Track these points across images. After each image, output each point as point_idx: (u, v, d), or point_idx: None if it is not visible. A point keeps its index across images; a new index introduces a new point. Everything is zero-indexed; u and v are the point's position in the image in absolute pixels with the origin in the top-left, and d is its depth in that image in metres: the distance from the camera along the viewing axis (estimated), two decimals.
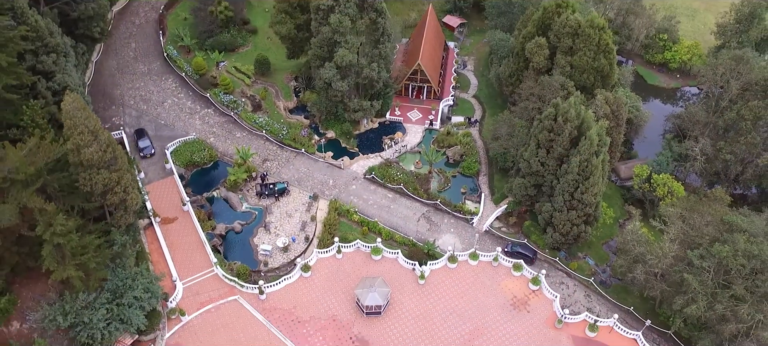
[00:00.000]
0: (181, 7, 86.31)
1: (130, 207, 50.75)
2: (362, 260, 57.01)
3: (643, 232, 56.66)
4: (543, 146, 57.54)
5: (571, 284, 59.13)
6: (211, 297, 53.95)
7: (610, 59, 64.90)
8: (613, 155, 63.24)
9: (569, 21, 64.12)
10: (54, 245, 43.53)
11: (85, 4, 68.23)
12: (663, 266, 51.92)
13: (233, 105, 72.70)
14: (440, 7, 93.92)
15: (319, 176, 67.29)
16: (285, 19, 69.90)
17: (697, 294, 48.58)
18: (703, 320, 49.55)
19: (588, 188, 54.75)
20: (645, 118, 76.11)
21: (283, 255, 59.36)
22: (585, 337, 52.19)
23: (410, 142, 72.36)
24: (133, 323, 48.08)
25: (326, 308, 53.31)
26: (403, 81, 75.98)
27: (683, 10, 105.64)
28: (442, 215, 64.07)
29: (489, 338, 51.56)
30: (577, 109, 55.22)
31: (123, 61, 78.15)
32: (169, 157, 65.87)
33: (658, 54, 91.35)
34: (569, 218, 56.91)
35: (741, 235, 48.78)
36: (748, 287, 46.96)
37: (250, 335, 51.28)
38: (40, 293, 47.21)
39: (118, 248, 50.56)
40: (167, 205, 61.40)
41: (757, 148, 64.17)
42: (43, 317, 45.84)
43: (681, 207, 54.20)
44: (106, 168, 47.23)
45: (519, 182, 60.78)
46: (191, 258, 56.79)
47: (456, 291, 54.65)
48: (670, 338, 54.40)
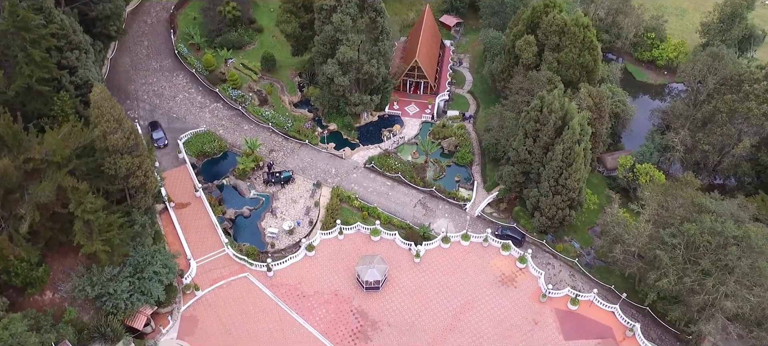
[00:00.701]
0: (190, 7, 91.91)
1: (150, 190, 56.11)
2: (362, 240, 62.36)
3: (622, 215, 61.83)
4: (530, 136, 62.85)
5: (557, 264, 64.33)
6: (223, 274, 59.30)
7: (595, 56, 70.24)
8: (597, 145, 68.53)
9: (556, 20, 69.50)
10: (84, 222, 48.88)
11: (102, 4, 73.66)
12: (639, 245, 57.14)
13: (241, 99, 78.14)
14: (437, 7, 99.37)
15: (322, 166, 72.69)
16: (290, 18, 75.32)
17: (668, 269, 53.75)
18: (674, 293, 54.74)
19: (571, 174, 59.99)
20: (631, 113, 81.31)
21: (289, 237, 64.69)
22: (567, 310, 57.41)
23: (408, 134, 77.77)
24: (152, 294, 53.44)
25: (329, 283, 58.64)
26: (401, 77, 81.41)
27: (672, 9, 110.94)
28: (437, 201, 69.41)
29: (479, 311, 56.82)
30: (561, 101, 60.50)
31: (136, 59, 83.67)
32: (182, 148, 71.32)
33: (646, 52, 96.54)
34: (554, 202, 62.16)
35: (708, 215, 53.95)
36: (713, 261, 52.07)
37: (259, 307, 56.61)
38: (70, 267, 52.56)
39: (138, 227, 55.88)
40: (180, 191, 66.81)
41: (733, 139, 69.34)
42: (73, 287, 51.28)
43: (656, 191, 59.40)
44: (128, 153, 52.53)
45: (508, 170, 66.10)
46: (204, 239, 62.17)
47: (449, 269, 59.96)
48: (647, 312, 59.61)
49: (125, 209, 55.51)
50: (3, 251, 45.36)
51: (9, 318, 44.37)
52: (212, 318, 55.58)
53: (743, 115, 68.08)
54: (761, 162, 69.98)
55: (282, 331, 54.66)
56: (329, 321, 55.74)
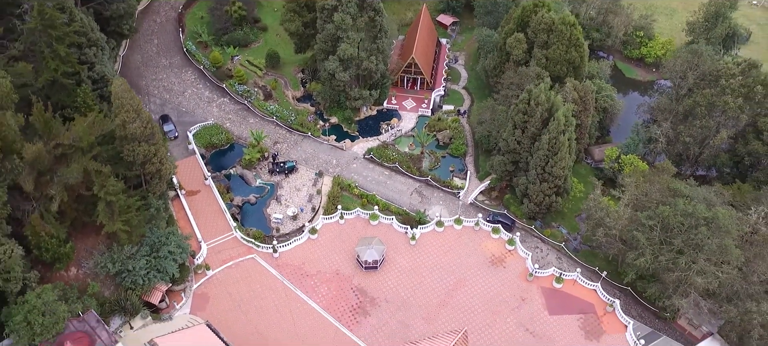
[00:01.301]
0: (198, 6, 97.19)
1: (164, 176, 61.21)
2: (362, 224, 67.47)
3: (605, 201, 66.84)
4: (519, 127, 67.94)
5: (545, 248, 69.38)
6: (232, 255, 64.36)
7: (581, 52, 75.36)
8: (582, 136, 73.63)
9: (544, 18, 74.65)
10: (106, 203, 53.94)
11: (116, 3, 78.76)
12: (619, 228, 62.19)
13: (247, 94, 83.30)
14: (434, 6, 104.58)
15: (323, 156, 77.80)
16: (294, 17, 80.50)
17: (645, 249, 58.79)
18: (651, 271, 59.78)
19: (557, 162, 65.05)
20: (618, 108, 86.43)
21: (293, 223, 69.75)
22: (552, 288, 62.48)
23: (405, 127, 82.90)
24: (168, 272, 58.45)
25: (330, 263, 63.73)
26: (398, 73, 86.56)
27: (662, 9, 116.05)
28: (432, 189, 74.52)
29: (470, 289, 61.88)
30: (547, 94, 65.62)
31: (147, 56, 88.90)
32: (191, 139, 76.46)
33: (635, 50, 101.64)
34: (542, 189, 67.20)
35: (682, 199, 59.03)
36: (685, 241, 57.06)
37: (266, 285, 61.67)
38: (93, 245, 57.63)
39: (154, 210, 60.95)
40: (191, 179, 71.91)
41: (712, 132, 74.40)
42: (96, 264, 56.35)
43: (635, 177, 64.50)
44: (145, 141, 57.55)
45: (499, 159, 71.22)
46: (213, 223, 67.27)
47: (442, 250, 65.06)
48: (629, 292, 64.61)
49: (142, 193, 60.59)
50: (35, 228, 50.42)
51: (41, 288, 49.44)
52: (222, 295, 60.64)
53: (721, 109, 73.08)
54: (738, 153, 75.00)
55: (287, 307, 59.72)
56: (331, 298, 60.82)
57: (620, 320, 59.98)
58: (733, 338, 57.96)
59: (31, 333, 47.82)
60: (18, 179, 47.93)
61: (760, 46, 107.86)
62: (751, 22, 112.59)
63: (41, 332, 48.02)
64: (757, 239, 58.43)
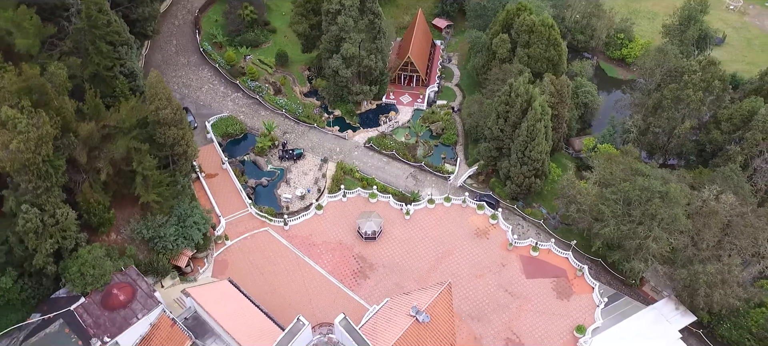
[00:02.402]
0: (212, 10, 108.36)
1: (190, 157, 71.87)
2: (362, 202, 78.02)
3: (578, 182, 77.20)
4: (501, 116, 78.52)
5: (526, 225, 79.74)
6: (247, 228, 74.85)
7: (559, 51, 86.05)
8: (560, 125, 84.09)
9: (526, 21, 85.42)
10: (143, 177, 64.69)
11: (142, 8, 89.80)
12: (588, 203, 72.56)
13: (258, 90, 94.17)
14: (430, 10, 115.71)
15: (328, 145, 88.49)
16: (301, 20, 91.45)
17: (609, 220, 69.12)
18: (615, 240, 70.07)
19: (534, 146, 75.49)
20: (598, 103, 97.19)
21: (301, 202, 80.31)
22: (529, 256, 72.85)
23: (401, 120, 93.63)
24: (193, 239, 68.99)
25: (334, 235, 74.23)
26: (396, 71, 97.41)
27: (645, 13, 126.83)
28: (426, 174, 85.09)
29: (457, 257, 72.27)
30: (526, 86, 76.23)
31: (167, 55, 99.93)
32: (209, 129, 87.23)
33: (617, 51, 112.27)
34: (522, 171, 77.61)
35: (641, 177, 69.47)
36: (643, 212, 67.41)
37: (278, 253, 72.13)
38: (129, 215, 68.27)
39: (180, 187, 71.56)
40: (209, 164, 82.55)
41: (677, 122, 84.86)
42: (132, 230, 66.96)
43: (603, 159, 75.04)
44: (175, 126, 68.16)
45: (484, 146, 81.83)
46: (230, 201, 77.83)
47: (433, 224, 75.52)
48: (600, 263, 74.79)
49: (170, 172, 71.20)
50: (86, 196, 61.03)
51: (90, 246, 60.06)
52: (240, 261, 71.14)
53: (685, 102, 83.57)
54: (701, 142, 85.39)
55: (297, 271, 70.17)
56: (335, 263, 71.27)
57: (588, 282, 70.26)
58: (685, 297, 68.06)
59: (84, 283, 58.39)
60: (74, 153, 58.59)
61: (735, 47, 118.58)
62: (728, 26, 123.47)
63: (92, 281, 58.59)
64: (704, 211, 68.76)
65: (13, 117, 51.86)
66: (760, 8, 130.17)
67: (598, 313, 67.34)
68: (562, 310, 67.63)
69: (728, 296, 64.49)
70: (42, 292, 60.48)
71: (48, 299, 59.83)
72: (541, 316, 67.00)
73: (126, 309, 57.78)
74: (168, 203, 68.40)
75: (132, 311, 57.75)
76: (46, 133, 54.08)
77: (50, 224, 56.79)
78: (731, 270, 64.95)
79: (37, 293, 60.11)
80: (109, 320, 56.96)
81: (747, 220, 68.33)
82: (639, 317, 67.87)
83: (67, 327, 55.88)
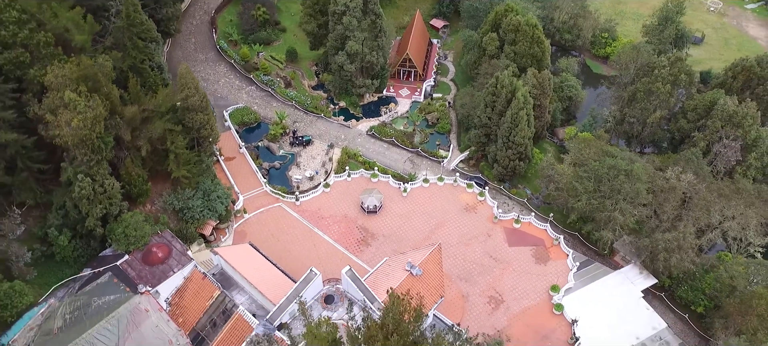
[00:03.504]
0: (227, 11, 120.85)
1: (213, 140, 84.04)
2: (364, 181, 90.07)
3: (557, 165, 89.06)
4: (489, 106, 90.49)
5: (511, 204, 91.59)
6: (263, 203, 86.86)
7: (542, 48, 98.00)
8: (542, 114, 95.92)
9: (512, 21, 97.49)
10: (175, 155, 76.86)
11: (166, 9, 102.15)
12: (564, 181, 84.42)
13: (270, 83, 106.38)
14: (428, 12, 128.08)
15: (334, 133, 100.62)
16: (310, 20, 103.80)
17: (581, 195, 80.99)
18: (587, 213, 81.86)
19: (517, 132, 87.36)
20: (582, 96, 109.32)
21: (310, 182, 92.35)
22: (512, 228, 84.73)
23: (400, 110, 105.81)
24: (217, 211, 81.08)
25: (340, 209, 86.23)
26: (396, 67, 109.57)
27: (630, 14, 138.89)
28: (422, 158, 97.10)
29: (448, 228, 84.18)
30: (510, 79, 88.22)
31: (186, 52, 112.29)
32: (227, 118, 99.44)
33: (601, 49, 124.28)
34: (507, 155, 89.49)
35: (610, 157, 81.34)
36: (610, 187, 79.18)
37: (291, 224, 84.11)
38: (162, 189, 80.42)
39: (205, 166, 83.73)
40: (228, 148, 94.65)
41: (649, 113, 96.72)
42: (165, 201, 79.08)
43: (577, 143, 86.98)
44: (201, 111, 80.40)
45: (474, 133, 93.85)
46: (247, 181, 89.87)
47: (427, 200, 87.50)
48: (576, 237, 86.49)
49: (196, 152, 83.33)
50: (128, 169, 73.13)
51: (132, 212, 72.18)
52: (257, 231, 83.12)
53: (656, 94, 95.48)
54: (671, 131, 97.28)
55: (308, 239, 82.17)
56: (341, 233, 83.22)
57: (563, 250, 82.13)
58: (648, 263, 79.78)
59: (127, 242, 70.45)
60: (119, 132, 70.73)
61: (713, 46, 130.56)
62: (707, 26, 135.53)
63: (134, 242, 70.65)
64: (665, 187, 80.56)
65: (74, 100, 63.99)
66: (739, 10, 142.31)
67: (570, 276, 79.18)
68: (539, 273, 79.52)
69: (684, 260, 76.11)
70: (90, 251, 72.56)
71: (96, 257, 71.92)
72: (520, 277, 78.90)
73: (163, 265, 69.83)
74: (195, 179, 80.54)
75: (168, 266, 69.80)
76: (99, 113, 66.19)
77: (99, 192, 68.83)
78: (686, 237, 76.58)
79: (86, 252, 72.21)
80: (149, 273, 68.99)
81: (701, 194, 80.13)
82: (606, 280, 79.69)
83: (115, 278, 67.90)
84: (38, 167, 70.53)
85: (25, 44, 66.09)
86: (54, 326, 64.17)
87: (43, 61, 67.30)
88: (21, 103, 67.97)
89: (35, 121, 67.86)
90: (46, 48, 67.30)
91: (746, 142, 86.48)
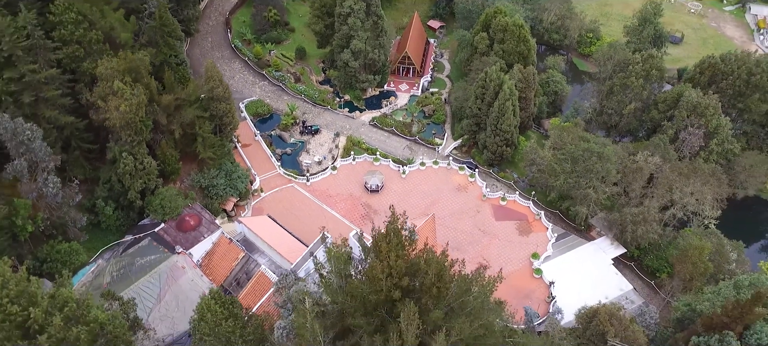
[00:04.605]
0: (241, 12, 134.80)
1: (234, 126, 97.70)
2: (368, 164, 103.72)
3: (541, 151, 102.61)
4: (479, 97, 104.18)
5: (499, 186, 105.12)
6: (277, 184, 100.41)
7: (528, 46, 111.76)
8: (527, 106, 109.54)
9: (501, 21, 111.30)
10: (202, 138, 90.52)
11: (187, 10, 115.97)
12: (545, 163, 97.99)
13: (281, 78, 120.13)
14: (425, 13, 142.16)
15: (339, 123, 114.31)
16: (318, 20, 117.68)
17: (559, 175, 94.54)
18: (564, 191, 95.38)
19: (504, 120, 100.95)
20: (567, 91, 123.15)
21: (318, 166, 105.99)
22: (499, 205, 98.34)
23: (400, 103, 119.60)
24: (237, 189, 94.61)
25: (346, 188, 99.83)
26: (396, 63, 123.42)
27: (616, 16, 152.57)
28: (419, 146, 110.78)
29: (442, 205, 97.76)
30: (497, 73, 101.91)
31: (203, 50, 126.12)
32: (243, 109, 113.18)
33: (587, 48, 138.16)
34: (495, 141, 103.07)
35: (585, 142, 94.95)
36: (584, 167, 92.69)
37: (302, 202, 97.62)
38: (190, 169, 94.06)
39: (226, 150, 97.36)
40: (244, 136, 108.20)
41: (625, 105, 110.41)
42: (193, 180, 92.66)
43: (556, 130, 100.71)
44: (225, 101, 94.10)
45: (466, 122, 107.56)
46: (263, 164, 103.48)
47: (423, 181, 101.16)
48: (557, 215, 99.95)
49: (219, 137, 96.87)
50: (163, 150, 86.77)
51: (166, 187, 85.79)
52: (272, 207, 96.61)
53: (630, 87, 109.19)
54: (644, 121, 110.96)
55: (318, 214, 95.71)
56: (347, 209, 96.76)
57: (543, 224, 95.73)
58: (618, 234, 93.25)
59: (163, 212, 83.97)
60: (157, 117, 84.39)
61: (692, 45, 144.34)
62: (687, 27, 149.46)
63: (169, 212, 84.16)
64: (634, 168, 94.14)
65: (122, 88, 77.64)
66: (717, 12, 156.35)
67: (549, 246, 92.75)
68: (522, 243, 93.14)
69: (648, 231, 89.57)
70: (129, 221, 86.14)
71: (136, 225, 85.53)
72: (505, 247, 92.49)
73: (195, 231, 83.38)
74: (219, 161, 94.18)
75: (199, 232, 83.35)
76: (141, 100, 79.84)
77: (139, 169, 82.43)
78: (650, 211, 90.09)
79: (127, 222, 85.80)
80: (183, 238, 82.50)
81: (665, 174, 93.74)
82: (581, 250, 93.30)
83: (154, 242, 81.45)
84: (88, 147, 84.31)
85: (80, 41, 79.71)
86: (103, 281, 77.72)
87: (94, 55, 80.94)
88: (74, 92, 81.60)
89: (86, 106, 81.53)
90: (97, 44, 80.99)
91: (708, 129, 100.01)
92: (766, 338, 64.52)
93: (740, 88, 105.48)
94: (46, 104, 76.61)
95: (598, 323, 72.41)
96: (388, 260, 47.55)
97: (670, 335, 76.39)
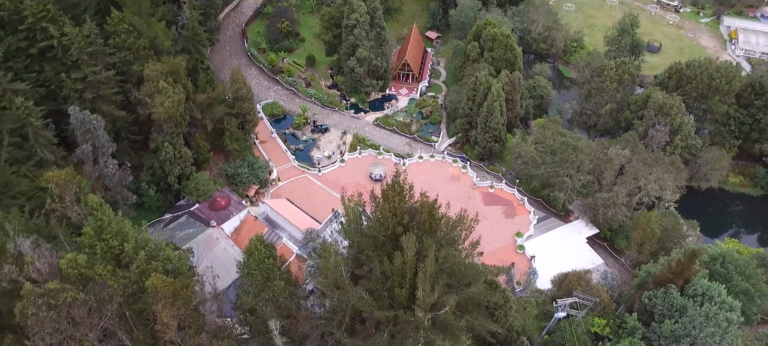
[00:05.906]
0: (256, 23, 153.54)
1: (254, 123, 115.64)
2: (372, 158, 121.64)
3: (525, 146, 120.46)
4: (470, 99, 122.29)
5: (489, 178, 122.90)
6: (292, 174, 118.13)
7: (514, 54, 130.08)
8: (514, 107, 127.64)
9: (490, 32, 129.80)
10: (229, 132, 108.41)
11: (209, 22, 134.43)
12: (528, 156, 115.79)
13: (293, 83, 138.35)
14: (423, 25, 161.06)
15: (346, 123, 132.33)
16: (327, 31, 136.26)
17: (540, 165, 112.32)
18: (544, 179, 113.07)
19: (492, 119, 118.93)
20: (552, 95, 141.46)
21: (328, 160, 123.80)
22: (487, 192, 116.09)
23: (400, 105, 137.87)
24: (259, 178, 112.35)
25: (353, 178, 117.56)
26: (396, 70, 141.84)
27: (600, 27, 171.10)
28: (418, 143, 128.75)
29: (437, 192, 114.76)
30: (486, 77, 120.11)
31: (222, 57, 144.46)
32: (260, 110, 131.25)
33: (571, 56, 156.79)
34: (485, 137, 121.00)
35: (562, 136, 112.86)
36: (561, 158, 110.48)
37: (315, 189, 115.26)
38: (218, 159, 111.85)
39: (248, 144, 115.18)
40: (262, 134, 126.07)
41: (602, 106, 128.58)
42: (220, 169, 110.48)
43: (538, 126, 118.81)
44: (248, 101, 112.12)
45: (459, 121, 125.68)
46: (279, 158, 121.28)
47: (421, 172, 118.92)
48: (541, 202, 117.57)
49: (243, 132, 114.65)
50: (197, 141, 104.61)
51: (199, 173, 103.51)
52: (289, 193, 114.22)
53: (606, 90, 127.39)
54: (619, 120, 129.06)
55: (328, 199, 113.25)
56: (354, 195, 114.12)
57: (526, 208, 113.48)
58: (591, 217, 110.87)
59: (198, 194, 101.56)
60: (192, 112, 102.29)
61: (669, 54, 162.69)
62: (666, 37, 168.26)
63: (202, 194, 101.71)
64: (605, 160, 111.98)
65: (166, 87, 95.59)
66: (694, 23, 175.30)
67: (531, 227, 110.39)
68: (507, 224, 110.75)
69: (617, 213, 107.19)
70: (167, 202, 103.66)
71: (173, 205, 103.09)
72: (493, 227, 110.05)
73: (225, 210, 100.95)
74: (242, 153, 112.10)
75: (229, 211, 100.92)
76: (180, 98, 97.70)
77: (178, 157, 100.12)
78: (618, 196, 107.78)
79: (165, 203, 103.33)
80: (215, 215, 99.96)
81: (632, 165, 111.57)
82: (559, 230, 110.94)
83: (191, 218, 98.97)
84: (134, 138, 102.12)
85: (130, 47, 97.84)
86: None
87: (141, 60, 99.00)
88: (124, 91, 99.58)
89: (134, 103, 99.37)
90: (144, 50, 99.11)
91: (673, 127, 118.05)
92: (701, 289, 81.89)
93: (703, 91, 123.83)
94: (104, 101, 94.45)
95: (568, 283, 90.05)
96: (394, 202, 65.05)
97: (632, 295, 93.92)
